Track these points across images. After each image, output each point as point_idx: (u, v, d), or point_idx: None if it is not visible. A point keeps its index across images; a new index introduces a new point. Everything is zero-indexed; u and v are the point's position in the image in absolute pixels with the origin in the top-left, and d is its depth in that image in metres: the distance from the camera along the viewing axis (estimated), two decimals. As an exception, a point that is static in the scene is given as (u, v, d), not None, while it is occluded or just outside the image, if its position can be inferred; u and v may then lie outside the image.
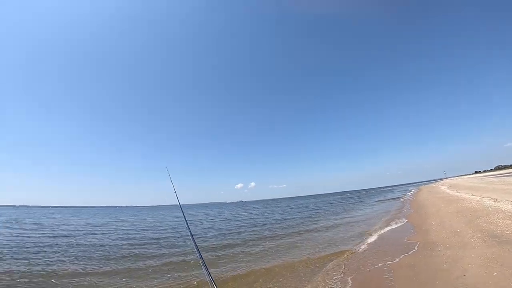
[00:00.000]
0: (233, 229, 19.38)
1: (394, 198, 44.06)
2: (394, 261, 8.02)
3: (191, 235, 4.24)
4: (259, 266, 9.12)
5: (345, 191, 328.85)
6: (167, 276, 8.44)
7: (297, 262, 9.21)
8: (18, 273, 8.47)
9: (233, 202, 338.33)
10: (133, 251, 12.11)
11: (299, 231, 16.59)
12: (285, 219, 25.12)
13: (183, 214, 5.09)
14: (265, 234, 16.10)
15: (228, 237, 15.55)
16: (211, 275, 3.16)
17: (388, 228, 14.64)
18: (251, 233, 16.96)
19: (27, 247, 12.72)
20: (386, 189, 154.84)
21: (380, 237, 12.33)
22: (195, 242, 3.93)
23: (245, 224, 22.41)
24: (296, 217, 26.48)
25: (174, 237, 16.50)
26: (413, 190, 69.14)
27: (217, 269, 8.92)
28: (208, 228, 21.38)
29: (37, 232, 18.63)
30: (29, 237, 16.36)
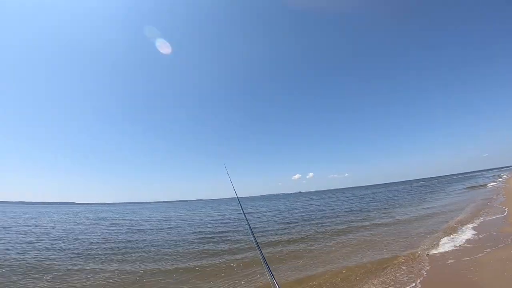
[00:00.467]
0: (293, 222, 18.49)
1: (481, 186, 36.82)
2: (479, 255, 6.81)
3: (253, 234, 4.02)
4: (326, 267, 7.97)
5: (417, 179, 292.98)
6: (233, 274, 8.01)
7: (368, 263, 7.83)
8: (114, 271, 9.39)
9: (291, 194, 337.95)
10: (200, 246, 12.29)
11: (369, 224, 14.71)
12: (350, 211, 23.02)
13: (243, 212, 5.19)
14: (329, 228, 14.74)
15: (289, 232, 14.67)
16: (274, 277, 2.84)
17: (476, 220, 12.22)
18: (313, 227, 15.82)
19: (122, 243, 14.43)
20: (468, 175, 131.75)
21: (468, 231, 10.34)
22: (257, 243, 3.64)
23: (306, 217, 21.26)
24: (363, 209, 24.03)
25: (236, 231, 16.51)
26: (505, 176, 57.41)
27: (280, 267, 8.26)
28: (267, 221, 20.97)
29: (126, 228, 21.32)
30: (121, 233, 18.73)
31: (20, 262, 9.46)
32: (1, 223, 22.74)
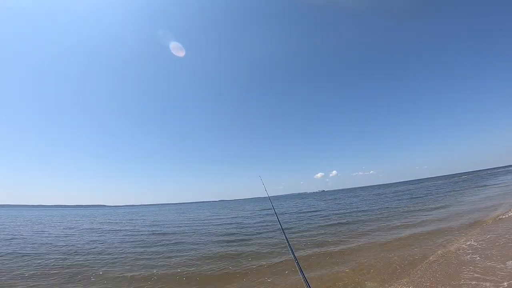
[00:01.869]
0: (322, 223, 17.53)
1: None
2: None
3: (287, 240, 3.78)
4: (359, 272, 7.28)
5: (451, 174, 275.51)
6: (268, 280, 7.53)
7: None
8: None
9: (314, 192, 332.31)
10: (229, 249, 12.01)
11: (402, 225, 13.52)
12: (387, 208, 21.57)
13: (278, 219, 5.11)
14: (360, 229, 13.75)
15: (320, 233, 13.83)
16: (309, 283, 2.73)
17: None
18: (342, 227, 14.92)
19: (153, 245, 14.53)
20: (502, 170, 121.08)
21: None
22: (291, 247, 3.52)
23: (333, 217, 20.19)
24: (400, 206, 22.44)
25: (269, 236, 16.05)
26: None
27: (314, 273, 7.59)
28: (297, 221, 20.17)
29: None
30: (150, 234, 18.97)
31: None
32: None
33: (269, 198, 7.46)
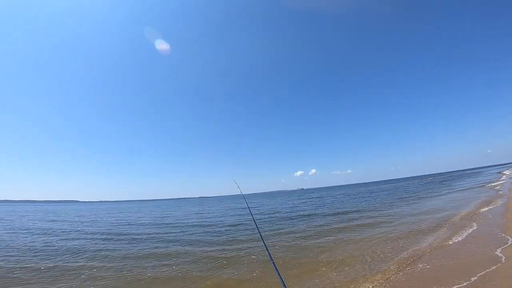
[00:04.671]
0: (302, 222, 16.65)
1: (482, 185, 32.48)
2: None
3: (262, 239, 3.83)
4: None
5: (423, 175, 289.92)
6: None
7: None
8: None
9: (293, 190, 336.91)
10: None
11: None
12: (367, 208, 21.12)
13: (254, 221, 4.88)
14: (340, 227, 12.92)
15: (302, 235, 12.88)
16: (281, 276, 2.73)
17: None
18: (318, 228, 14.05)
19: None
20: (469, 171, 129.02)
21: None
22: (266, 247, 3.54)
23: (313, 215, 19.42)
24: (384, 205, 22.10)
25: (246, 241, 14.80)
26: (508, 172, 55.27)
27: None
28: (277, 220, 19.14)
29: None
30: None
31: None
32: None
33: (244, 197, 8.21)
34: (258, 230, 4.29)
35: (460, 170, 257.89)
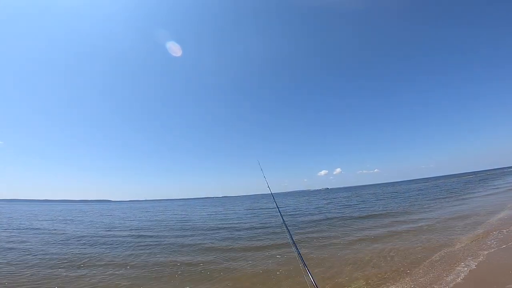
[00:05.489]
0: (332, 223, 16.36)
1: None
2: None
3: (294, 243, 3.79)
4: None
5: (460, 173, 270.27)
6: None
7: None
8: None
9: (317, 190, 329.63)
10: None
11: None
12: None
13: (283, 220, 4.89)
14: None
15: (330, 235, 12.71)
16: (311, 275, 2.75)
17: None
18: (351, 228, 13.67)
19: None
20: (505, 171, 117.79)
21: None
22: (298, 250, 3.51)
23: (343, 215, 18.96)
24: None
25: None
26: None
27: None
28: (307, 222, 18.99)
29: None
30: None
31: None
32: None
33: (272, 194, 7.29)
34: (291, 237, 4.06)
35: (499, 168, 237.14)
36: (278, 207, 5.52)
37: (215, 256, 9.78)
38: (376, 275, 6.76)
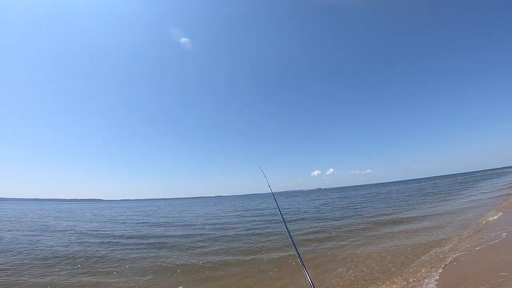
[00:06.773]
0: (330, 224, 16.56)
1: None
2: None
3: (294, 244, 3.80)
4: None
5: (446, 175, 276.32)
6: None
7: None
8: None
9: (310, 190, 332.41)
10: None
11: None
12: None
13: (283, 219, 4.71)
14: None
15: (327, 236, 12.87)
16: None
17: None
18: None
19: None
20: (496, 171, 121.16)
21: None
22: (298, 251, 3.61)
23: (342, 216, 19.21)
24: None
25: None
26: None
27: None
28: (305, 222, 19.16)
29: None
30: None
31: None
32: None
33: (272, 194, 6.81)
34: (291, 238, 3.88)
35: (490, 169, 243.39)
36: (278, 208, 5.55)
37: (212, 257, 9.82)
38: (368, 275, 6.93)
